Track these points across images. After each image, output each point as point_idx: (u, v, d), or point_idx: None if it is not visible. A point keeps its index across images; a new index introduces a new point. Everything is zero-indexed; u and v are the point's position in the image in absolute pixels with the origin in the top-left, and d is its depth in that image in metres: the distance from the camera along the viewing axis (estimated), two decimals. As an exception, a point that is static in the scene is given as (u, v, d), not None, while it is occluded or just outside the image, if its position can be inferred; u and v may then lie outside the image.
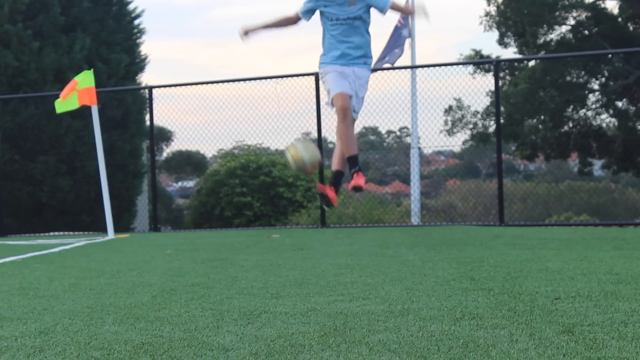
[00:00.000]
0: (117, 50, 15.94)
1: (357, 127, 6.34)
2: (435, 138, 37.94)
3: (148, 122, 12.38)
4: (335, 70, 6.02)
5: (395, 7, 6.12)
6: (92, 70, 8.84)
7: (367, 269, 4.23)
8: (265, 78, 11.12)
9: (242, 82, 11.38)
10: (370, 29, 6.13)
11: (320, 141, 10.24)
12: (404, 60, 15.90)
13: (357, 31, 6.03)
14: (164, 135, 29.56)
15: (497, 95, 10.30)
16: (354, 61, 6.04)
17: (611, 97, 22.92)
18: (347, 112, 5.80)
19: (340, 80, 5.97)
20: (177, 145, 41.91)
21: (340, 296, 3.24)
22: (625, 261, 4.31)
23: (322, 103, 10.09)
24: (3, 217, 12.06)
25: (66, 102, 8.62)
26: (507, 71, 23.81)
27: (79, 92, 8.55)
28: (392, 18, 15.85)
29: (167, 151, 32.36)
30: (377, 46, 15.59)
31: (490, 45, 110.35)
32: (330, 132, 11.20)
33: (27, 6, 14.74)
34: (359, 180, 5.82)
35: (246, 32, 6.01)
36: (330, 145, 18.69)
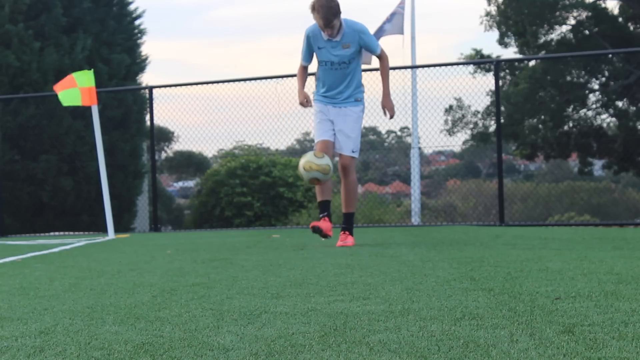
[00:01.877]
0: (117, 51, 15.95)
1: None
2: (435, 138, 37.93)
3: (148, 122, 12.38)
4: (320, 111, 6.22)
5: (382, 55, 6.25)
6: (92, 70, 8.84)
7: (367, 269, 4.23)
8: (265, 78, 11.12)
9: (242, 82, 11.39)
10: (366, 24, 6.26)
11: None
12: (404, 60, 15.88)
13: (350, 73, 6.11)
14: (165, 136, 29.53)
15: (498, 95, 10.31)
16: (344, 102, 6.14)
17: (611, 97, 22.91)
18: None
19: (321, 126, 6.19)
20: (177, 145, 41.85)
21: (340, 296, 3.24)
22: (626, 261, 4.31)
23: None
24: (4, 217, 12.06)
25: (68, 95, 8.58)
26: (507, 71, 23.80)
27: (81, 90, 8.54)
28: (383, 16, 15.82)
29: (168, 151, 32.35)
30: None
31: (490, 45, 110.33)
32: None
33: (28, 6, 14.75)
34: (324, 225, 6.13)
35: (306, 100, 6.27)
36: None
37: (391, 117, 6.29)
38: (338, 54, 6.06)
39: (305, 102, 6.24)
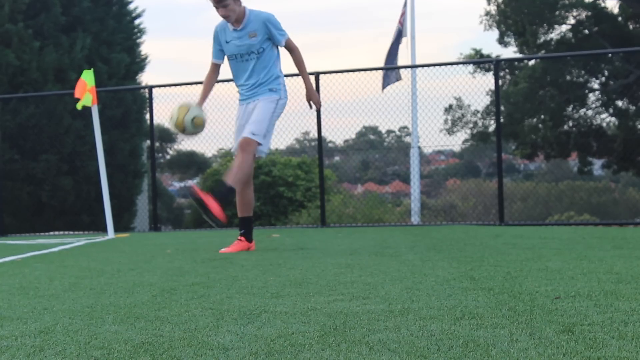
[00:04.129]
0: (117, 50, 15.95)
1: (357, 127, 6.35)
2: (435, 137, 37.84)
3: (148, 122, 12.38)
4: (238, 117, 6.02)
5: (291, 47, 5.95)
6: (92, 69, 8.84)
7: (367, 269, 4.23)
8: (265, 77, 11.07)
9: (242, 82, 11.33)
10: (283, 60, 5.97)
11: (320, 140, 10.25)
12: (404, 60, 15.89)
13: (262, 65, 5.85)
14: (168, 137, 29.47)
15: (497, 94, 10.30)
16: (256, 94, 5.90)
17: (611, 97, 22.92)
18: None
19: (238, 134, 5.97)
20: (178, 145, 41.89)
21: (340, 295, 3.24)
22: (626, 261, 4.31)
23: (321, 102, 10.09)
24: (3, 217, 12.05)
25: (83, 100, 8.63)
26: (507, 70, 23.81)
27: (90, 90, 8.58)
28: (394, 19, 15.88)
29: (170, 152, 32.35)
30: (375, 48, 15.45)
31: (490, 44, 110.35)
32: (330, 132, 11.18)
33: (27, 6, 14.74)
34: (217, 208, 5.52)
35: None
36: (330, 145, 18.66)
37: (318, 109, 6.07)
38: (245, 44, 5.81)
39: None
